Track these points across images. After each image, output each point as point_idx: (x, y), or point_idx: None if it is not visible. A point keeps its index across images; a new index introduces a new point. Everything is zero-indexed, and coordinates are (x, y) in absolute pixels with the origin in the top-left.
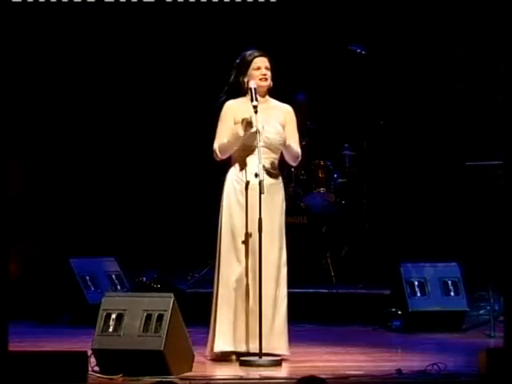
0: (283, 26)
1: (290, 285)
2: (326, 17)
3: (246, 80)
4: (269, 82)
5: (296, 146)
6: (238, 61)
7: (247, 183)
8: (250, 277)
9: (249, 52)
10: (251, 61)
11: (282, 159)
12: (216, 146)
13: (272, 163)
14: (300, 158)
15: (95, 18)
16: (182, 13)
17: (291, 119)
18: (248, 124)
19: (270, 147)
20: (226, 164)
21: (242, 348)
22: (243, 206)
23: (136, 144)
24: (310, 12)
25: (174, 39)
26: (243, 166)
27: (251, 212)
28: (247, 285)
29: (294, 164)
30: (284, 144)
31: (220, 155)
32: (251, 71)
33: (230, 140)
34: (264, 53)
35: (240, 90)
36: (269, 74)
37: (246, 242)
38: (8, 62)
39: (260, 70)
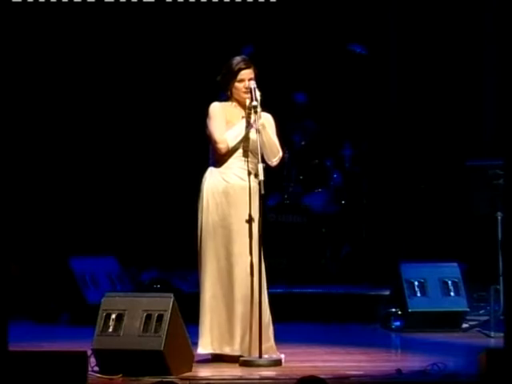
0: (283, 25)
1: (290, 285)
2: (326, 17)
3: (229, 89)
4: None
5: (277, 143)
6: (224, 69)
7: (230, 184)
8: (229, 277)
9: (235, 62)
10: (236, 73)
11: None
12: (222, 137)
13: (254, 167)
14: (280, 156)
15: (95, 18)
16: (182, 13)
17: (270, 125)
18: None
19: (252, 152)
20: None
21: (220, 350)
22: (224, 207)
23: (135, 143)
24: (310, 12)
25: (174, 39)
26: (228, 168)
27: (234, 213)
28: (226, 285)
29: (273, 162)
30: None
31: (230, 145)
32: (235, 83)
33: (239, 132)
34: (249, 63)
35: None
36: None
37: (225, 243)
38: (8, 62)
39: (244, 82)
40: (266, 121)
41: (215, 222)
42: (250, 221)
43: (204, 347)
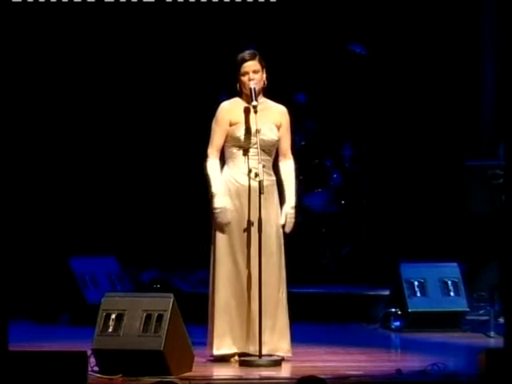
0: (283, 25)
1: (289, 285)
2: (326, 17)
3: (237, 83)
4: (259, 86)
5: (289, 148)
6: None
7: (241, 185)
8: (247, 278)
9: (239, 55)
10: (239, 66)
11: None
12: (212, 154)
13: (266, 165)
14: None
15: (95, 18)
16: (182, 13)
17: (286, 121)
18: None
19: (264, 149)
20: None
21: (243, 349)
22: (237, 208)
23: (135, 143)
24: (310, 12)
25: (174, 39)
26: (237, 168)
27: (246, 214)
28: (244, 286)
29: None
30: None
31: (207, 169)
32: (240, 77)
33: (209, 183)
34: (254, 54)
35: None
36: (257, 77)
37: (241, 244)
38: (8, 62)
39: (248, 75)
40: (284, 116)
41: (233, 223)
42: (268, 219)
43: (224, 348)
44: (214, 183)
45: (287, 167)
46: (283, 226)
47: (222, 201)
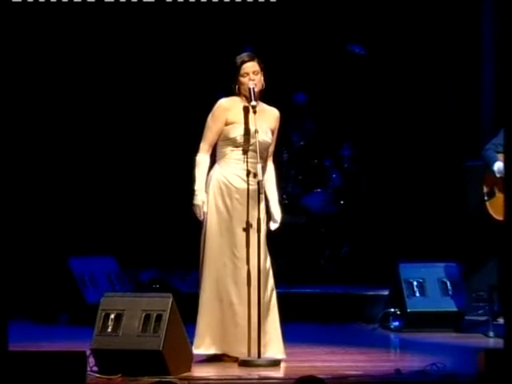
0: (283, 26)
1: (288, 285)
2: (326, 17)
3: (236, 85)
4: (258, 88)
5: (273, 151)
6: (231, 67)
7: (234, 186)
8: (236, 281)
9: (239, 57)
10: (239, 67)
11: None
12: (203, 150)
13: (263, 167)
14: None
15: (95, 18)
16: (182, 13)
17: (278, 125)
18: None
19: (259, 153)
20: None
21: (224, 351)
22: (228, 208)
23: (134, 144)
24: (310, 12)
25: (174, 39)
26: (230, 168)
27: (238, 216)
28: (230, 287)
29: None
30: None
31: (197, 162)
32: (240, 78)
33: (193, 178)
34: (253, 56)
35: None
36: (257, 78)
37: (230, 245)
38: (8, 62)
39: (248, 75)
40: (278, 121)
41: (220, 224)
42: (254, 223)
43: (206, 348)
44: (197, 179)
45: (270, 168)
46: (269, 225)
47: (200, 197)
